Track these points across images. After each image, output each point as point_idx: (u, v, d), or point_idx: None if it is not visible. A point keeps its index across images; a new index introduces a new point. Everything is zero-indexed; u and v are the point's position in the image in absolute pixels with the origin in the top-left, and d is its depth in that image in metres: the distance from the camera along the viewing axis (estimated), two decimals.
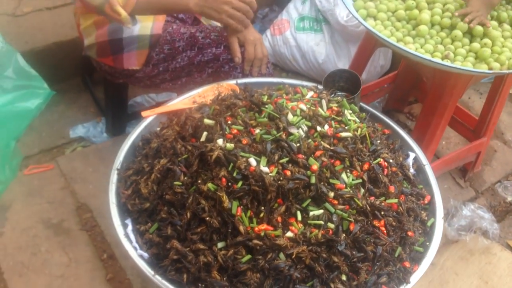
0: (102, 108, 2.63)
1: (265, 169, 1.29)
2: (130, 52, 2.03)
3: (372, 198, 1.43)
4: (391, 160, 1.53)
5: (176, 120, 1.68)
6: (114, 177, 1.54)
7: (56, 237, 2.08)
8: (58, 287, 1.93)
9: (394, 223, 1.42)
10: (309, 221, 1.28)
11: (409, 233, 1.44)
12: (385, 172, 1.49)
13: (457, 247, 2.25)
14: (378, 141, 1.57)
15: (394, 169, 1.53)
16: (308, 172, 1.35)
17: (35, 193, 2.23)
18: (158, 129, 1.71)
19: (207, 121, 1.48)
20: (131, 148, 1.65)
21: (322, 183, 1.36)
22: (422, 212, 1.55)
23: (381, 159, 1.51)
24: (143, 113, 1.74)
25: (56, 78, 2.64)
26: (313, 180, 1.34)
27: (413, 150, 1.72)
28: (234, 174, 1.28)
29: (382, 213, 1.41)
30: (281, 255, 1.24)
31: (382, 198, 1.45)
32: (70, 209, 2.19)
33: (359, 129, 1.52)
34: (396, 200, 1.44)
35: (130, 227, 1.42)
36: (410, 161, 1.68)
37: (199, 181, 1.33)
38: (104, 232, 2.08)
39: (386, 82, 2.73)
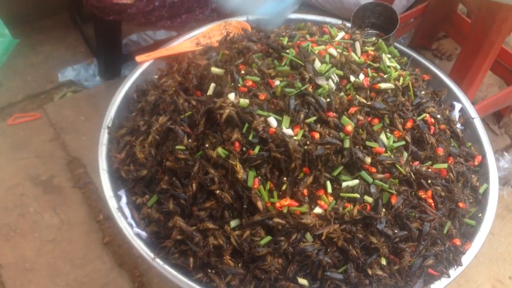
0: (94, 48, 2.32)
1: (288, 131, 1.05)
2: None
3: (417, 163, 1.18)
4: (438, 116, 1.27)
5: (177, 66, 1.40)
6: (104, 138, 1.29)
7: (46, 196, 1.86)
8: (50, 252, 1.73)
9: (442, 193, 1.18)
10: (341, 194, 1.08)
11: (460, 204, 1.20)
12: (432, 131, 1.23)
13: None
14: (423, 92, 1.30)
15: (442, 126, 1.27)
16: (341, 134, 1.10)
17: (21, 145, 1.99)
18: (156, 77, 1.43)
19: (215, 69, 1.21)
20: (124, 101, 1.39)
21: (357, 146, 1.11)
22: (473, 176, 1.30)
23: (427, 115, 1.25)
24: (138, 58, 1.46)
25: (38, 14, 2.33)
26: (347, 144, 1.09)
27: (459, 100, 1.45)
28: (250, 138, 1.07)
29: (429, 181, 1.17)
30: (308, 236, 1.06)
31: (429, 163, 1.20)
32: (61, 163, 1.96)
33: (401, 78, 1.24)
34: (445, 165, 1.20)
35: (124, 199, 1.18)
36: (456, 114, 1.40)
37: (207, 145, 1.09)
38: (99, 189, 1.84)
39: (413, 16, 2.39)
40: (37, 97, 2.22)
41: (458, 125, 1.38)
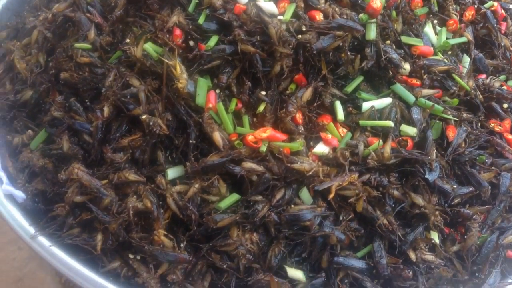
0: None
1: (268, 5, 0.63)
2: None
3: (483, 76, 0.71)
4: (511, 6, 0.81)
5: None
6: None
7: None
8: None
9: None
10: (361, 122, 0.68)
11: None
12: (504, 27, 0.77)
13: None
14: None
15: None
16: (361, 16, 0.62)
17: None
18: None
19: None
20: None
21: (388, 42, 0.64)
22: None
23: (495, 3, 0.79)
24: None
25: None
26: (371, 33, 0.64)
27: None
28: (201, 21, 0.66)
29: (506, 105, 0.70)
30: (305, 194, 0.64)
31: (502, 77, 0.74)
32: None
33: None
34: None
35: None
36: None
37: (128, 41, 0.66)
38: None
39: None
40: None
41: None
